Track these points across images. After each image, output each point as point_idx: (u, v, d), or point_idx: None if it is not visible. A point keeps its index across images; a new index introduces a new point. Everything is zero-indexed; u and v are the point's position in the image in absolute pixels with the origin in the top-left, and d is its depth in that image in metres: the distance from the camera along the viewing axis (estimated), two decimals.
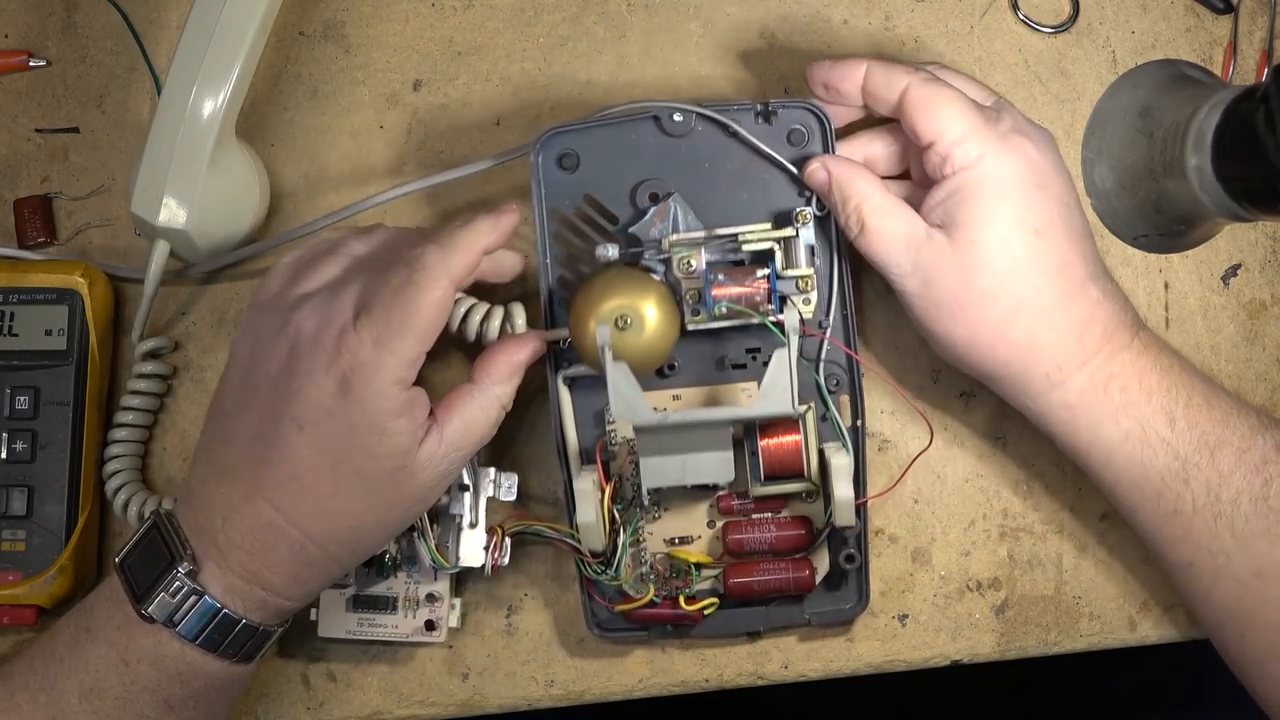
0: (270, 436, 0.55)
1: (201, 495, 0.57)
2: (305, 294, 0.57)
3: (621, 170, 0.64)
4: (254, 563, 0.56)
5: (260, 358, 0.56)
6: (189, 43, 0.63)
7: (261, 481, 0.55)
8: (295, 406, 0.54)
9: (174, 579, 0.55)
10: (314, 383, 0.54)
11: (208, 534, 0.56)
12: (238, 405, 0.57)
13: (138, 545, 0.57)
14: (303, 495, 0.55)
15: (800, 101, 0.64)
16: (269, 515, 0.55)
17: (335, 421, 0.54)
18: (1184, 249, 0.67)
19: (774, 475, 0.62)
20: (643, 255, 0.62)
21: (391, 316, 0.55)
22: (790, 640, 0.65)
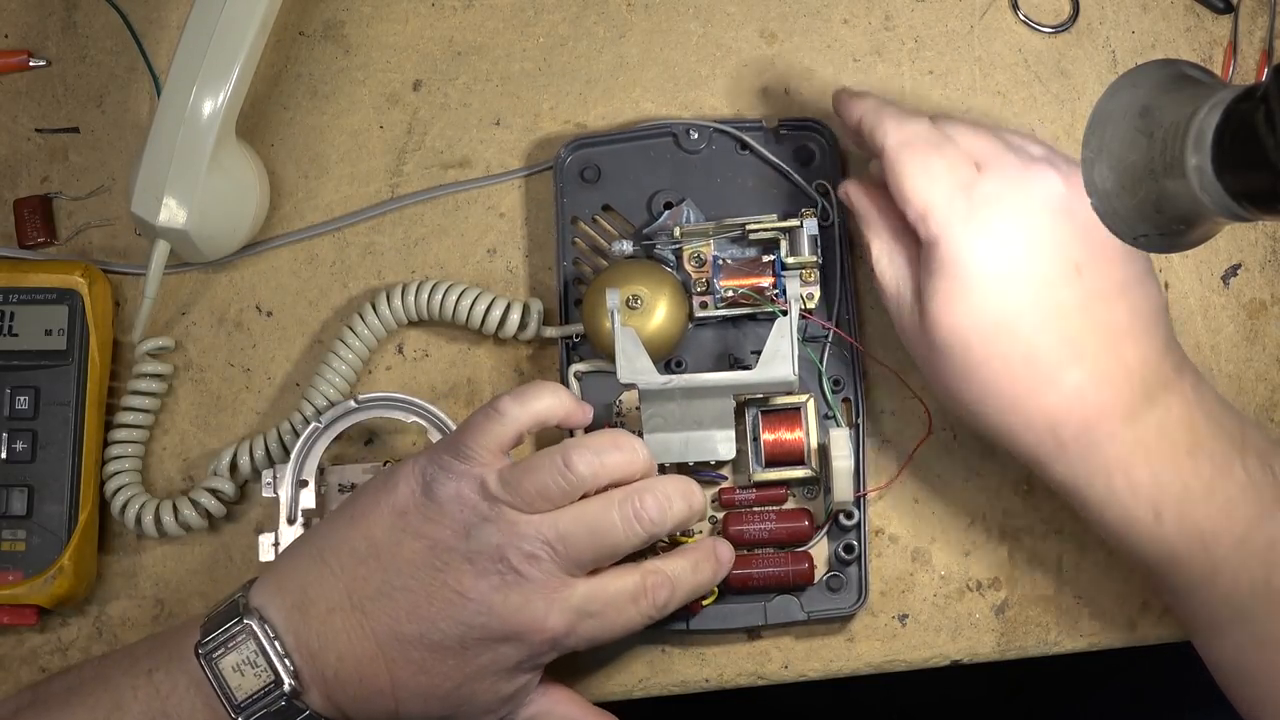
0: (428, 630, 0.55)
1: (321, 619, 0.56)
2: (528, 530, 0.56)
3: (640, 182, 0.67)
4: (351, 707, 0.57)
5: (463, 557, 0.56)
6: (189, 43, 0.63)
7: (394, 656, 0.56)
8: (471, 630, 0.55)
9: (279, 697, 0.55)
10: (502, 626, 0.55)
11: (318, 664, 0.56)
12: (414, 574, 0.56)
13: (227, 643, 0.56)
14: (422, 689, 0.56)
15: (809, 120, 0.67)
16: (384, 684, 0.56)
17: (493, 659, 0.56)
18: (1184, 249, 0.67)
19: (775, 461, 0.63)
20: (655, 246, 0.65)
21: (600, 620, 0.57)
22: (790, 640, 0.65)
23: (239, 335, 0.68)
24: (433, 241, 0.69)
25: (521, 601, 0.55)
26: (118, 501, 0.65)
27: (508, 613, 0.55)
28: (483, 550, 0.55)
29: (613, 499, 0.57)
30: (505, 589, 0.55)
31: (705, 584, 0.60)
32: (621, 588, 0.57)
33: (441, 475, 0.57)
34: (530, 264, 0.68)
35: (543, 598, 0.55)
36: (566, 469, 0.56)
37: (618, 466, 0.58)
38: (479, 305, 0.65)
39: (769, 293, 0.63)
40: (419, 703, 0.57)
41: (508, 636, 0.56)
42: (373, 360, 0.67)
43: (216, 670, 0.55)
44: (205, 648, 0.56)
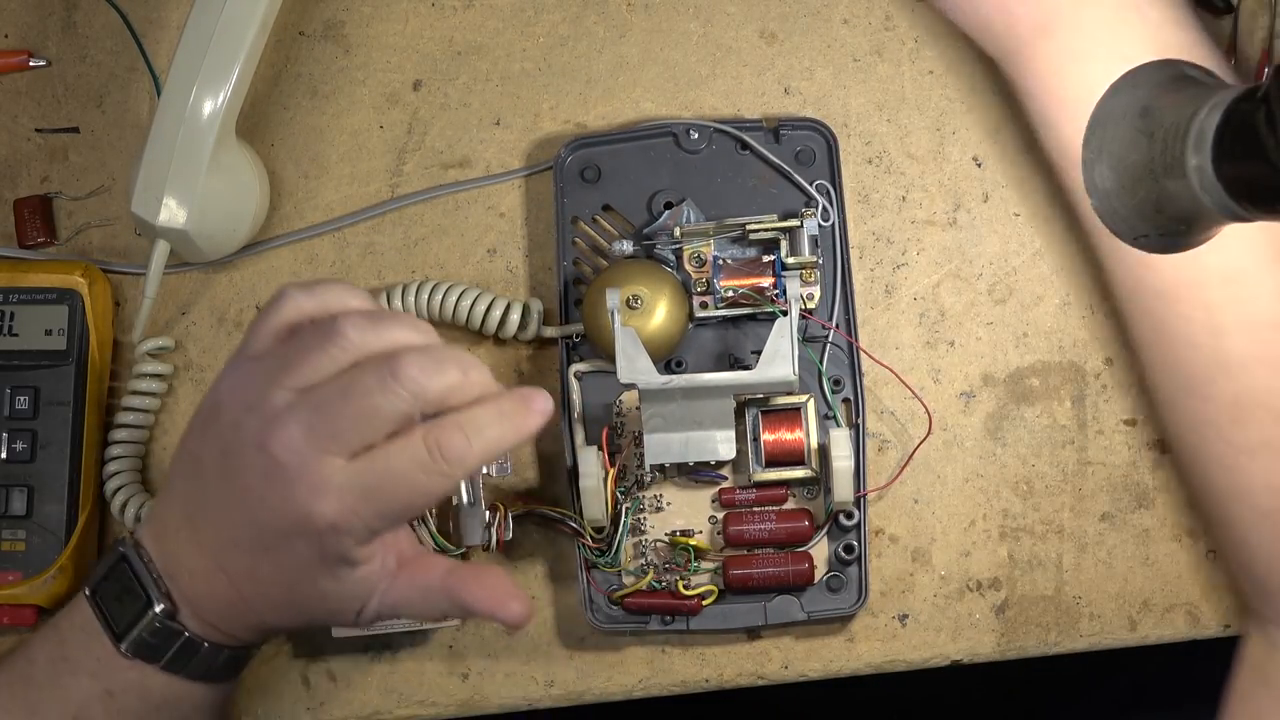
0: (238, 533, 0.54)
1: (172, 539, 0.56)
2: (294, 394, 0.52)
3: (640, 182, 0.67)
4: (221, 622, 0.56)
5: (237, 452, 0.53)
6: (189, 43, 0.63)
7: (226, 565, 0.54)
8: (264, 525, 0.53)
9: (152, 619, 0.55)
10: (281, 514, 0.52)
11: (179, 583, 0.55)
12: (214, 480, 0.54)
13: (108, 578, 0.56)
14: (261, 596, 0.55)
15: (809, 120, 0.67)
16: (232, 594, 0.55)
17: (295, 556, 0.53)
18: (1184, 249, 0.67)
19: (775, 461, 0.63)
20: (655, 246, 0.65)
21: (381, 496, 0.52)
22: (790, 640, 0.65)
23: (239, 335, 0.68)
24: (433, 241, 0.69)
25: (285, 490, 0.51)
26: (118, 501, 0.65)
27: (278, 504, 0.52)
28: (249, 441, 0.52)
29: (369, 363, 0.52)
30: (268, 479, 0.52)
31: (514, 432, 0.54)
32: (399, 451, 0.52)
33: (225, 372, 0.55)
34: (530, 264, 0.68)
35: (304, 482, 0.51)
36: (333, 331, 0.53)
37: (393, 336, 0.53)
38: (479, 305, 0.65)
39: (769, 293, 0.63)
40: (270, 610, 0.55)
41: (289, 531, 0.52)
42: None
43: (100, 602, 0.56)
44: (91, 582, 0.57)
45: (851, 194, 0.68)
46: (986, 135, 0.69)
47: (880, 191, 0.69)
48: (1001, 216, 0.69)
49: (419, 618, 0.61)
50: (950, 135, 0.69)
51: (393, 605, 0.56)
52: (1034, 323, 0.68)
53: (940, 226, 0.68)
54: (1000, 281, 0.68)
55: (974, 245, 0.68)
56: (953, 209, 0.69)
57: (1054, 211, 0.69)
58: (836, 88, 0.69)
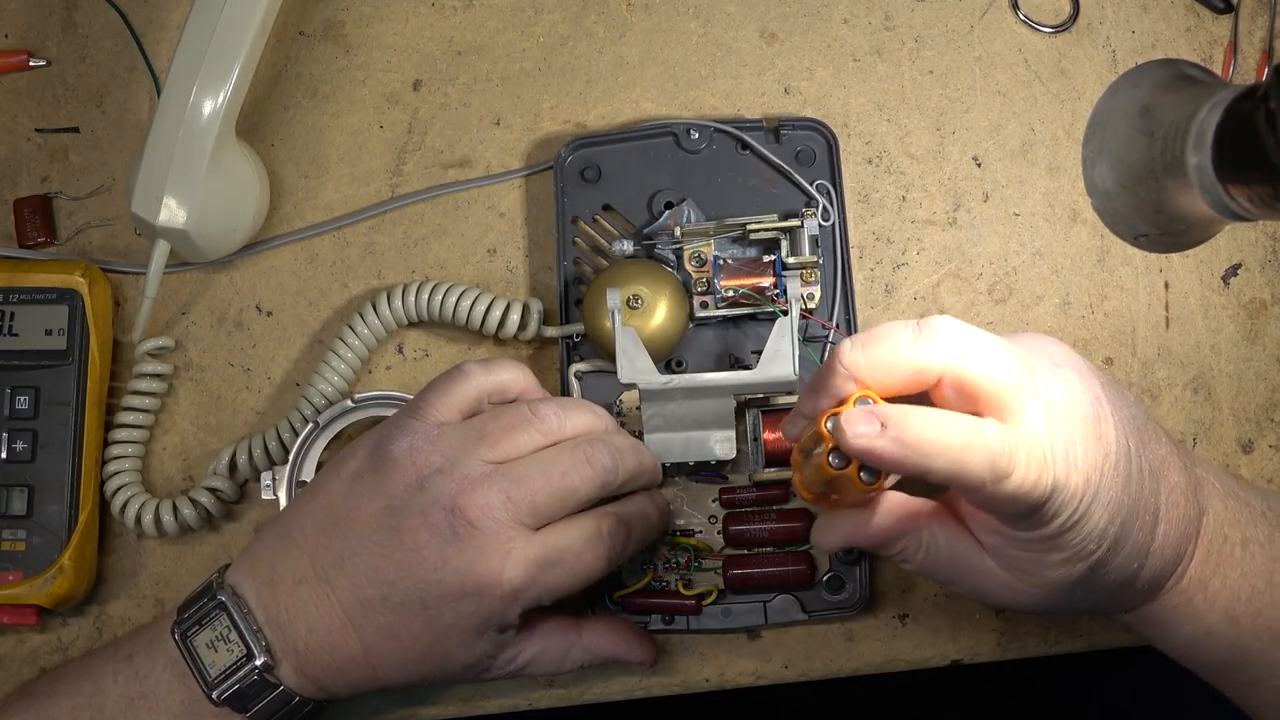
0: (390, 592, 0.55)
1: (290, 592, 0.56)
2: (492, 466, 0.56)
3: (640, 182, 0.67)
4: (327, 675, 0.57)
5: (416, 511, 0.55)
6: (189, 43, 0.63)
7: (361, 622, 0.56)
8: (434, 585, 0.55)
9: (250, 671, 0.56)
10: (463, 576, 0.55)
11: (289, 636, 0.56)
12: (371, 536, 0.56)
13: (201, 623, 0.57)
14: (394, 653, 0.56)
15: (809, 120, 0.67)
16: (356, 651, 0.56)
17: (459, 617, 0.55)
18: (1184, 249, 0.67)
19: (775, 461, 0.63)
20: (655, 246, 0.65)
21: (559, 569, 0.56)
22: (790, 640, 0.65)
23: (239, 335, 0.68)
24: (433, 241, 0.69)
25: (476, 554, 0.54)
26: (118, 501, 0.65)
27: (463, 566, 0.54)
28: (436, 502, 0.55)
29: (565, 445, 0.57)
30: (459, 542, 0.54)
31: (656, 527, 0.61)
32: (580, 532, 0.57)
33: (396, 433, 0.57)
34: (530, 264, 0.68)
35: (498, 549, 0.55)
36: (532, 414, 0.57)
37: (582, 423, 0.58)
38: (479, 305, 0.65)
39: (769, 293, 0.63)
40: (394, 667, 0.57)
41: (466, 593, 0.55)
42: (373, 360, 0.68)
43: (191, 647, 0.56)
44: (181, 626, 0.57)
45: (851, 194, 0.68)
46: (986, 135, 0.69)
47: (880, 191, 0.69)
48: (1001, 216, 0.69)
49: (553, 672, 0.62)
50: (950, 135, 0.69)
51: (528, 663, 0.59)
52: (1034, 323, 0.68)
53: (940, 226, 0.68)
54: (1000, 281, 0.68)
55: (974, 245, 0.68)
56: (953, 209, 0.69)
57: (1054, 211, 0.69)
58: (836, 88, 0.69)
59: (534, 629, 0.59)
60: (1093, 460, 0.50)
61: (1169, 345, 0.68)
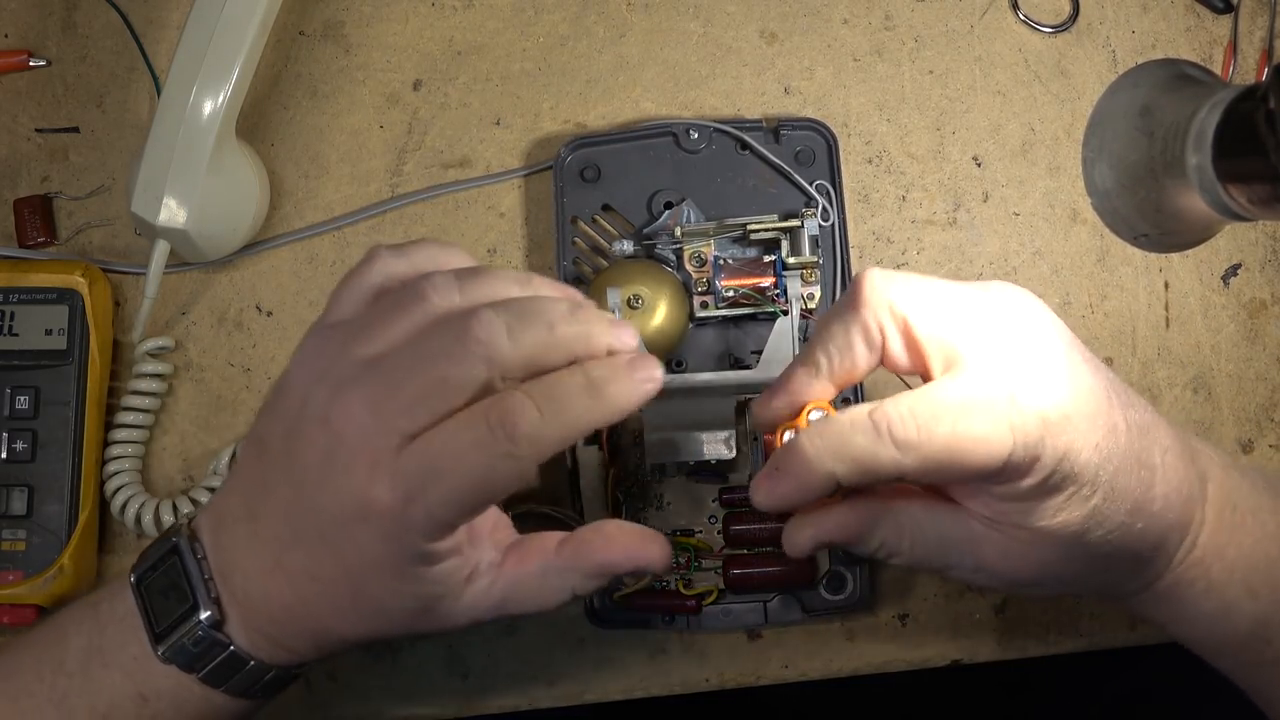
0: (298, 523, 0.48)
1: (230, 534, 0.50)
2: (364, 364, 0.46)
3: (640, 182, 0.67)
4: (275, 630, 0.50)
5: (301, 429, 0.47)
6: (189, 43, 0.63)
7: (285, 563, 0.48)
8: (323, 512, 0.46)
9: (196, 626, 0.49)
10: (341, 498, 0.45)
11: (232, 585, 0.50)
12: (277, 463, 0.48)
13: (157, 567, 0.51)
14: (322, 597, 0.48)
15: (809, 120, 0.67)
16: (289, 598, 0.49)
17: (359, 549, 0.46)
18: (1184, 249, 0.67)
19: None
20: (655, 246, 0.65)
21: (441, 481, 0.44)
22: (790, 640, 0.65)
23: (239, 335, 0.68)
24: None
25: (346, 470, 0.45)
26: (118, 501, 0.65)
27: (340, 486, 0.45)
28: (313, 416, 0.46)
29: (443, 325, 0.46)
30: (331, 460, 0.45)
31: (604, 408, 0.46)
32: (458, 429, 0.44)
33: (303, 342, 0.49)
34: (530, 264, 0.68)
35: (362, 460, 0.45)
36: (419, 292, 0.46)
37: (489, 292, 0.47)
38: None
39: (770, 293, 0.63)
40: (334, 616, 0.49)
41: (349, 516, 0.45)
42: None
43: (145, 594, 0.50)
44: (139, 568, 0.51)
45: (851, 194, 0.68)
46: (986, 135, 0.69)
47: (880, 191, 0.69)
48: (1001, 216, 0.69)
49: (540, 606, 0.51)
50: (950, 135, 0.69)
51: (502, 601, 0.50)
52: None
53: (940, 226, 0.68)
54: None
55: (974, 245, 0.68)
56: (953, 209, 0.69)
57: (1054, 211, 0.69)
58: (836, 88, 0.70)
59: (505, 562, 0.50)
60: (1066, 398, 0.47)
61: (1169, 345, 0.68)
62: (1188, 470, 0.52)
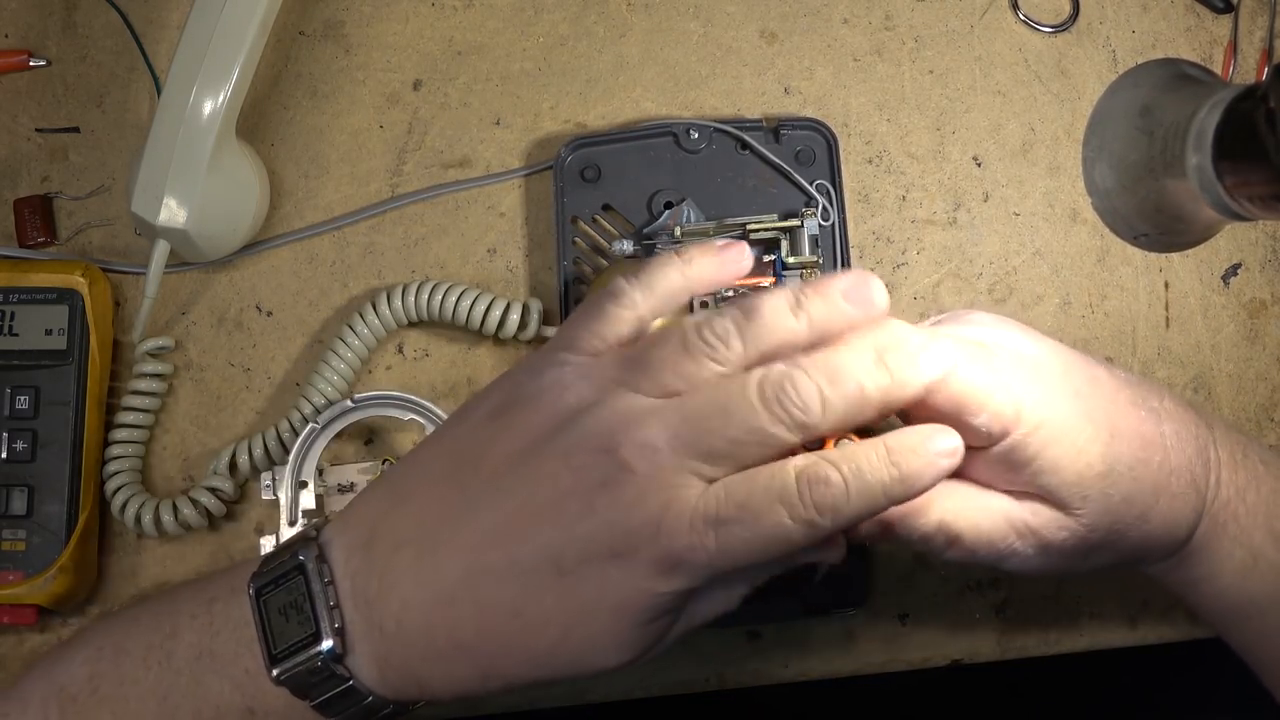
0: (519, 554, 0.44)
1: (389, 559, 0.46)
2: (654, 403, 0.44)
3: (640, 182, 0.67)
4: (422, 668, 0.46)
5: (559, 453, 0.44)
6: (189, 43, 0.63)
7: (479, 596, 0.45)
8: (570, 546, 0.43)
9: (315, 656, 0.46)
10: (609, 535, 0.43)
11: (374, 614, 0.46)
12: (498, 485, 0.45)
13: (280, 582, 0.47)
14: (516, 635, 0.45)
15: (809, 120, 0.67)
16: (465, 635, 0.45)
17: (603, 590, 0.44)
18: (1184, 248, 0.67)
19: None
20: (655, 246, 0.65)
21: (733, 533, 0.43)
22: (790, 640, 0.65)
23: (239, 335, 0.68)
24: (433, 241, 0.69)
25: (633, 499, 0.43)
26: (118, 501, 0.65)
27: (615, 515, 0.43)
28: (583, 441, 0.44)
29: (751, 375, 0.44)
30: (609, 488, 0.43)
31: (903, 487, 0.44)
32: (764, 482, 0.43)
33: (541, 364, 0.46)
34: (530, 264, 0.68)
35: (657, 496, 0.42)
36: (702, 339, 0.44)
37: (776, 341, 0.45)
38: (479, 306, 0.65)
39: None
40: (515, 660, 0.45)
41: (615, 551, 0.43)
42: (373, 360, 0.67)
43: (264, 608, 0.47)
44: (258, 580, 0.48)
45: (851, 194, 0.68)
46: (986, 135, 0.69)
47: (880, 191, 0.69)
48: (1001, 216, 0.69)
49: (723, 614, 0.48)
50: (950, 135, 0.69)
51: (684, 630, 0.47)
52: (1034, 322, 0.68)
53: (940, 226, 0.68)
54: (1000, 281, 0.68)
55: (974, 245, 0.68)
56: (953, 209, 0.69)
57: (1054, 211, 0.69)
58: (836, 88, 0.70)
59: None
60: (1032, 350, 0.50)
61: (1169, 345, 0.68)
62: (1189, 415, 0.53)
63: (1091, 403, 0.50)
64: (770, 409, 0.43)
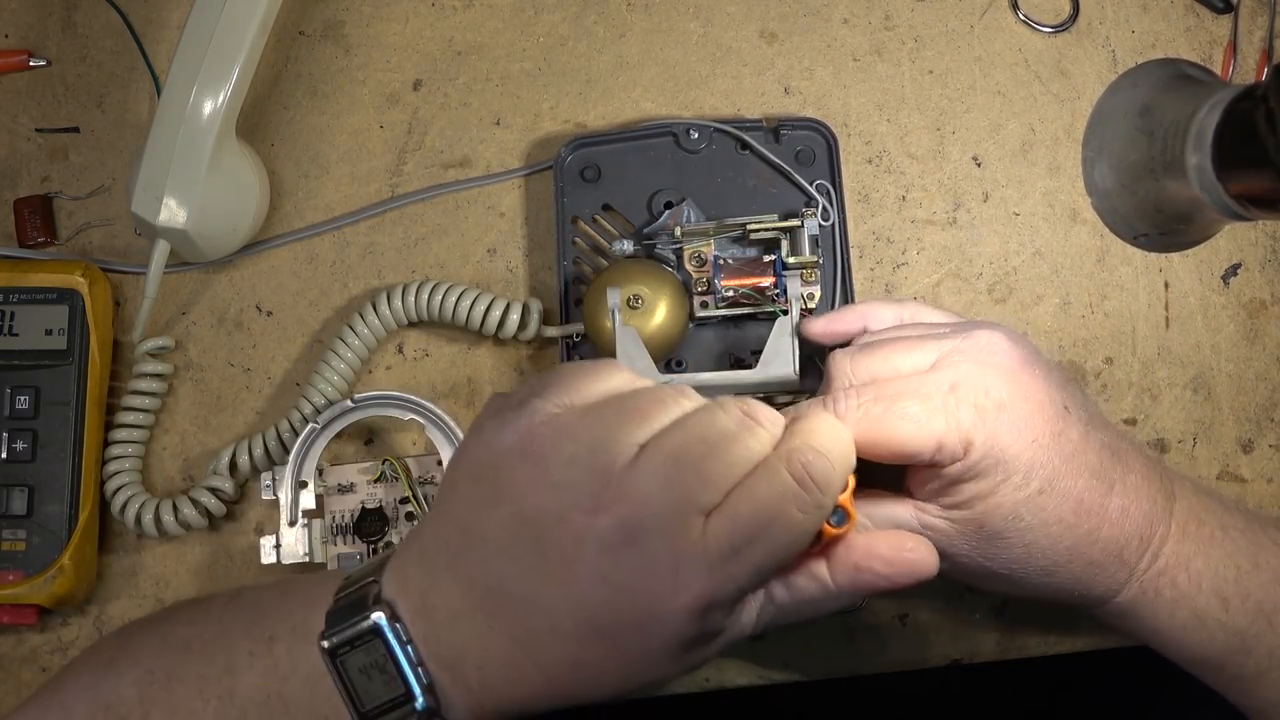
0: (557, 620, 0.45)
1: (446, 626, 0.47)
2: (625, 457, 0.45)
3: (640, 182, 0.67)
4: (513, 709, 0.48)
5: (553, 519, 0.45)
6: (189, 43, 0.63)
7: (536, 657, 0.46)
8: (599, 611, 0.45)
9: (409, 714, 0.47)
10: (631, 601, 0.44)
11: (457, 674, 0.47)
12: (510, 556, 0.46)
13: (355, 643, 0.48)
14: (583, 679, 0.47)
15: (809, 120, 0.67)
16: (538, 685, 0.47)
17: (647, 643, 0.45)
18: (1184, 248, 0.67)
19: None
20: (655, 246, 0.65)
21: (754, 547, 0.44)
22: (790, 640, 0.65)
23: (239, 335, 0.68)
24: (433, 241, 0.69)
25: (640, 567, 0.43)
26: (118, 501, 0.65)
27: (628, 583, 0.44)
28: (575, 504, 0.44)
29: (711, 406, 0.46)
30: (613, 553, 0.44)
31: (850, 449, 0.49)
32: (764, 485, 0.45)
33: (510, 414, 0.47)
34: (530, 264, 0.68)
35: (665, 554, 0.44)
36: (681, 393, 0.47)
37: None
38: (479, 306, 0.65)
39: (770, 292, 0.63)
40: (590, 692, 0.47)
41: (641, 617, 0.44)
42: (373, 360, 0.67)
43: (343, 667, 0.48)
44: (332, 638, 0.48)
45: (851, 194, 0.68)
46: (986, 135, 0.69)
47: (880, 191, 0.69)
48: (1001, 216, 0.69)
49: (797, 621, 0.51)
50: (950, 135, 0.69)
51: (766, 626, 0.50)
52: (1034, 322, 0.68)
53: (940, 226, 0.68)
54: (1000, 281, 0.68)
55: (974, 245, 0.68)
56: (953, 209, 0.69)
57: (1054, 211, 0.69)
58: (836, 88, 0.70)
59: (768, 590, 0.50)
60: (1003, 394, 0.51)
61: (1169, 345, 0.68)
62: (1152, 489, 0.54)
63: (1041, 456, 0.52)
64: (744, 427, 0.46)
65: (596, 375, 0.48)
